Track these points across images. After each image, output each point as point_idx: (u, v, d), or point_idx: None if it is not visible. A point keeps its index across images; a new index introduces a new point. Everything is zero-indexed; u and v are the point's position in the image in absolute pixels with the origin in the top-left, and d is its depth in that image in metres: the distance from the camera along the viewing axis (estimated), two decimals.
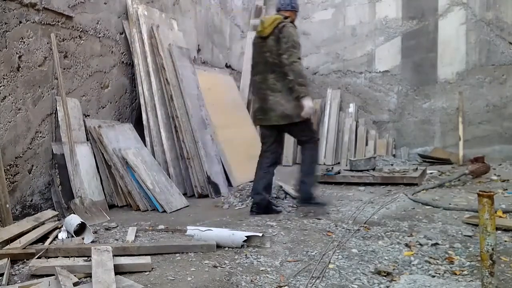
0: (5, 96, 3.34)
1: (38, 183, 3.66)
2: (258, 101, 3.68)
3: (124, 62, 4.72)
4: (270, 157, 3.74)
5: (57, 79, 3.77)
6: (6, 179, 3.19)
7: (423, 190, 4.42)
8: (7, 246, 2.55)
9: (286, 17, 3.58)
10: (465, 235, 2.86)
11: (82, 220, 3.00)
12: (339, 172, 5.20)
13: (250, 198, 3.87)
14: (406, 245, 2.71)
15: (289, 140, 6.89)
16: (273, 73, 3.55)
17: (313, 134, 3.75)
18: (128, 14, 4.68)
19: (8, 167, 3.36)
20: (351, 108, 7.22)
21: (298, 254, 2.59)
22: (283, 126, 3.63)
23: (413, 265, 2.39)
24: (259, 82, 3.65)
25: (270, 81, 3.56)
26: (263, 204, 3.64)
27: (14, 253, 2.46)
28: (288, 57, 3.44)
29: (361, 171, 5.16)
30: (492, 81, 6.31)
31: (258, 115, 3.70)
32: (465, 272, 2.26)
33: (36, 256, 2.44)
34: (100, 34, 4.34)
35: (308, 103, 3.46)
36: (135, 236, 2.96)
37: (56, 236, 2.91)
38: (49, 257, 2.45)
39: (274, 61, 3.53)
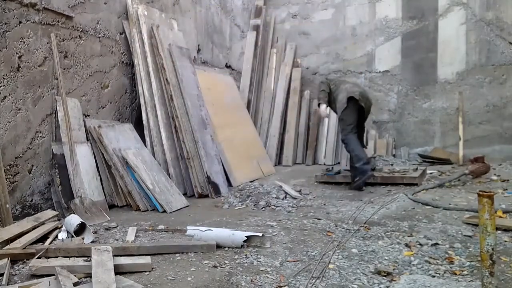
0: (5, 96, 3.35)
1: (38, 183, 3.66)
2: (359, 91, 4.85)
3: (124, 62, 4.72)
4: (356, 134, 4.83)
5: (57, 79, 3.77)
6: (6, 179, 3.20)
7: (423, 190, 4.42)
8: (7, 246, 2.55)
9: None
10: (465, 235, 2.86)
11: (82, 220, 3.00)
12: (339, 172, 5.20)
13: (364, 166, 4.63)
14: (406, 245, 2.71)
15: (289, 140, 6.92)
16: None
17: None
18: (128, 14, 4.68)
19: (8, 167, 3.36)
20: None
21: (298, 254, 2.59)
22: (364, 114, 4.96)
23: (413, 265, 2.40)
24: (355, 84, 5.14)
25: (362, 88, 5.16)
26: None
27: (14, 253, 2.46)
28: None
29: None
30: (492, 81, 6.30)
31: (360, 97, 4.79)
32: (465, 272, 2.26)
33: (36, 256, 2.44)
34: (100, 34, 4.34)
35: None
36: (135, 236, 2.96)
37: (56, 236, 2.91)
38: (49, 257, 2.45)
39: None
